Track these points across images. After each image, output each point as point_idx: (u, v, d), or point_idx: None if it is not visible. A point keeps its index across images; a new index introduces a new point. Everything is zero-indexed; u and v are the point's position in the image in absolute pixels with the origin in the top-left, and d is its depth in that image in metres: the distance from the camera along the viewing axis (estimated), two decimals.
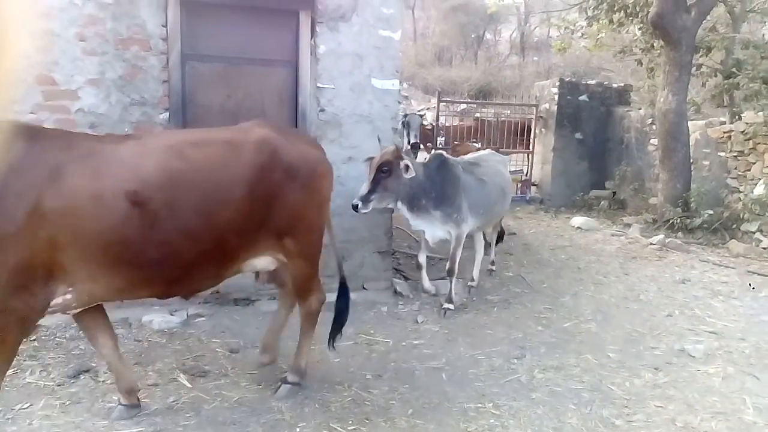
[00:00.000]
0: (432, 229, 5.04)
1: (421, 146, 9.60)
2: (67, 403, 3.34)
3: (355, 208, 4.48)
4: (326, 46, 5.01)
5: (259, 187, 3.04)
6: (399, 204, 4.81)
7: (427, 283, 5.39)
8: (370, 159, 4.71)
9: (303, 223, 3.26)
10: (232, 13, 4.81)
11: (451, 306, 5.07)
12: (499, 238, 6.62)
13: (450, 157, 5.32)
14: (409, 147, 13.42)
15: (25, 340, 4.04)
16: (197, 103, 4.81)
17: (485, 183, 5.33)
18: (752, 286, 6.17)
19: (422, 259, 5.32)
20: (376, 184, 4.54)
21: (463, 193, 5.03)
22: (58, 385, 3.54)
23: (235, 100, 4.92)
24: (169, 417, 3.24)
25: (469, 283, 5.74)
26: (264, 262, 3.31)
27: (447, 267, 5.19)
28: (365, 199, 4.51)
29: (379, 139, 4.93)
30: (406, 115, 9.69)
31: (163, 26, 4.53)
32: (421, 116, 9.84)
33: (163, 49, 4.56)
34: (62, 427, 3.10)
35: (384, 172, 4.55)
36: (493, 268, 6.32)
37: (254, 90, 4.96)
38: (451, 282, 5.13)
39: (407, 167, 4.64)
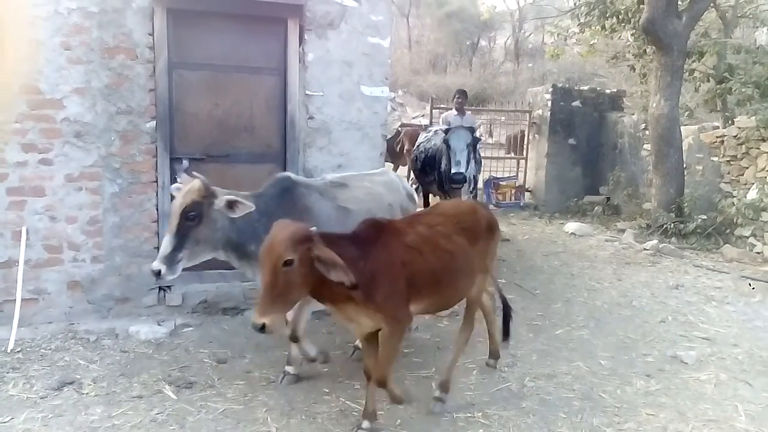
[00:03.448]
0: None
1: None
2: (50, 416, 3.29)
3: (158, 275, 3.29)
4: (315, 53, 5.00)
5: None
6: (222, 254, 3.59)
7: (311, 352, 3.89)
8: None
9: None
10: (219, 21, 4.79)
11: (292, 370, 3.80)
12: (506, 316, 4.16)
13: (301, 179, 4.03)
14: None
15: (9, 351, 4.04)
16: (184, 112, 4.79)
17: (349, 213, 3.94)
18: (752, 286, 6.16)
19: (301, 326, 3.78)
20: (183, 238, 3.31)
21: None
22: (41, 398, 3.49)
23: (223, 108, 4.89)
24: (153, 430, 3.19)
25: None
26: None
27: (288, 333, 3.74)
28: (170, 261, 3.30)
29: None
30: (447, 130, 6.72)
31: (149, 35, 4.51)
32: (472, 130, 6.64)
33: (150, 58, 4.54)
34: None
35: (191, 219, 3.31)
36: (492, 363, 4.20)
37: (242, 98, 4.93)
38: (302, 346, 3.82)
39: (233, 204, 3.37)
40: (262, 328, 2.64)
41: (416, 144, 7.89)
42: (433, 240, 3.25)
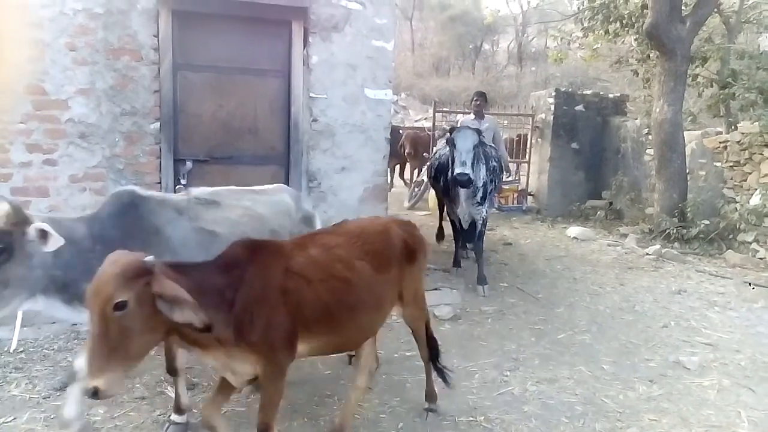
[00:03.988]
0: None
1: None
2: (52, 416, 3.29)
3: None
4: (319, 56, 5.01)
5: None
6: (41, 299, 2.74)
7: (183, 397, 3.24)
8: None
9: None
10: (224, 23, 4.81)
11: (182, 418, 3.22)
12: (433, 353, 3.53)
13: (152, 193, 3.20)
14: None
15: (11, 352, 4.05)
16: (189, 113, 4.80)
17: (216, 237, 3.17)
18: (752, 287, 6.16)
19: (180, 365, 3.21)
20: None
21: (167, 257, 2.66)
22: (44, 398, 3.49)
23: (227, 110, 4.91)
24: (155, 431, 3.19)
25: None
26: None
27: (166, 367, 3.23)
28: None
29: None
30: (451, 130, 6.11)
31: (154, 36, 4.53)
32: (479, 133, 5.88)
33: (155, 59, 4.56)
34: None
35: None
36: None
37: (246, 100, 4.94)
38: (178, 384, 3.25)
39: (44, 234, 2.58)
40: (95, 394, 2.00)
41: (434, 151, 7.71)
42: (327, 266, 2.68)
